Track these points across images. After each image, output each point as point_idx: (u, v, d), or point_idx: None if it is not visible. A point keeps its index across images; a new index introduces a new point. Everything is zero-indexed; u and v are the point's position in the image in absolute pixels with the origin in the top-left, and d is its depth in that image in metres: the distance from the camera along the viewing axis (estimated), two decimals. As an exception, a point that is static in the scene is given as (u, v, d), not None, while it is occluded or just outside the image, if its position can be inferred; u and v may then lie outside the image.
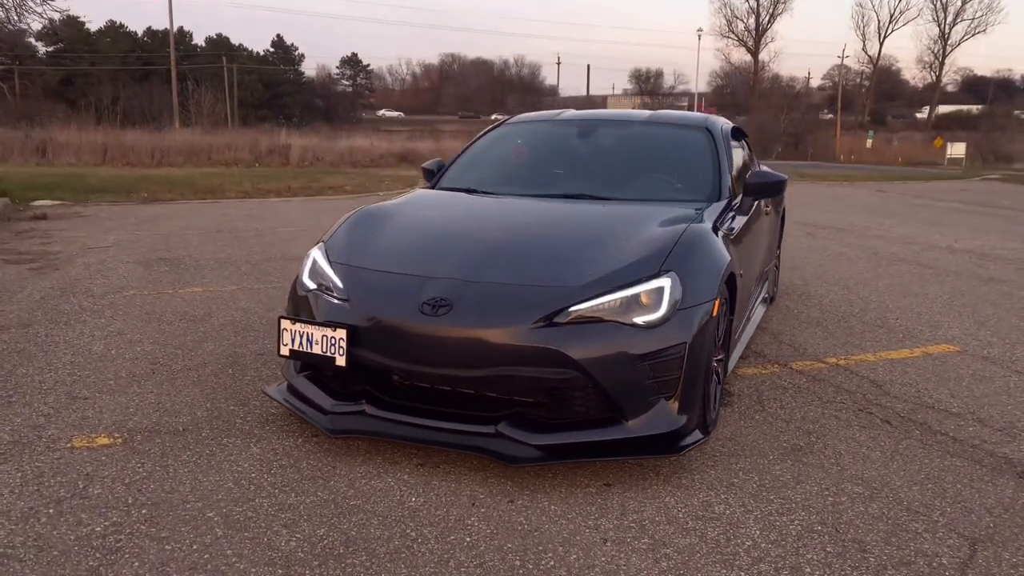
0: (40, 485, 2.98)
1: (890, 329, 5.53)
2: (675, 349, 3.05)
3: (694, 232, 3.46)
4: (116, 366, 4.37)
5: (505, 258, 3.34)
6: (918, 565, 2.57)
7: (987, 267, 8.17)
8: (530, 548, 2.62)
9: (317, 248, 3.71)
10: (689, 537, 2.71)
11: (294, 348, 3.29)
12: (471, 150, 4.95)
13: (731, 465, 3.28)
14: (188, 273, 6.99)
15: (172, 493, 2.94)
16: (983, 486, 3.14)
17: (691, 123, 4.81)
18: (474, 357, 3.03)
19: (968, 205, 15.01)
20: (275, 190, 14.80)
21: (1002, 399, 4.14)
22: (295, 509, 2.85)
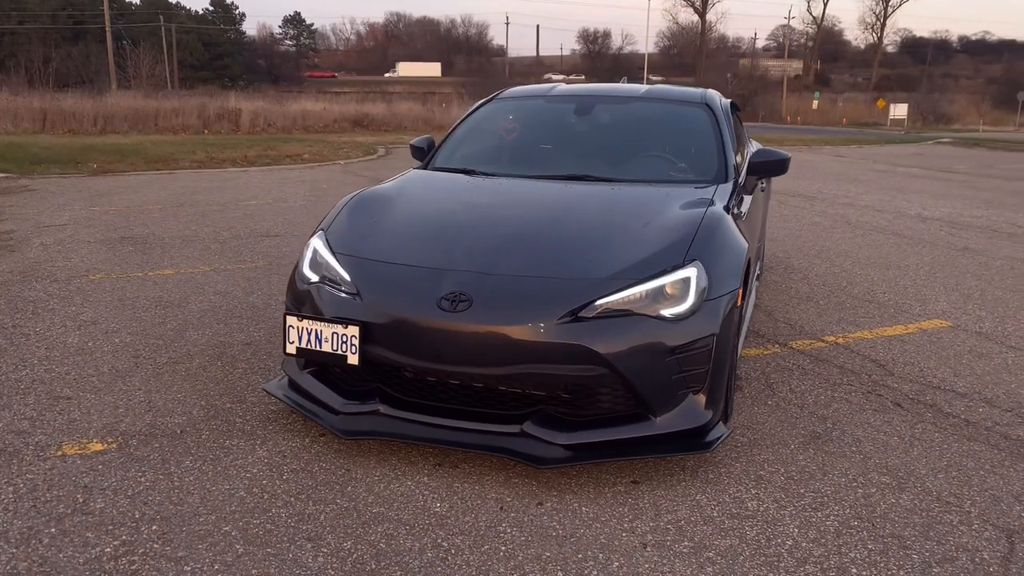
0: (36, 500, 2.78)
1: (880, 304, 5.54)
2: (704, 341, 2.96)
3: (713, 218, 3.36)
4: (96, 360, 4.13)
5: (522, 248, 3.19)
6: (962, 561, 2.54)
7: (960, 236, 8.27)
8: (569, 556, 2.52)
9: (317, 237, 3.51)
10: (729, 538, 2.64)
11: (301, 346, 3.12)
12: (462, 128, 4.75)
13: (754, 456, 3.22)
14: (155, 253, 6.69)
15: (182, 505, 2.77)
16: (1006, 472, 3.14)
17: (690, 99, 4.68)
18: (497, 355, 2.89)
19: (927, 171, 15.25)
20: (231, 159, 14.31)
21: (1004, 378, 4.16)
22: (316, 520, 2.70)
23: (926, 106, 44.31)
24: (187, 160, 13.91)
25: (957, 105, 46.45)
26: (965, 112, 45.38)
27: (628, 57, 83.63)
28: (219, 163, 13.83)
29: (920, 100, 45.41)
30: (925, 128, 38.14)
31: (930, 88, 54.86)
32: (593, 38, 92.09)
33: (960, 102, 47.81)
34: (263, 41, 78.91)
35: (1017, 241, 8.02)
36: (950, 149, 22.60)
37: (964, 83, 70.69)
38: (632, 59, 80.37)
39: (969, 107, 46.73)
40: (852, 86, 74.15)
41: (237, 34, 70.20)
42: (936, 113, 43.92)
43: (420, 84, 64.65)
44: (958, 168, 16.42)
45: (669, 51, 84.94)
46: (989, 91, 55.69)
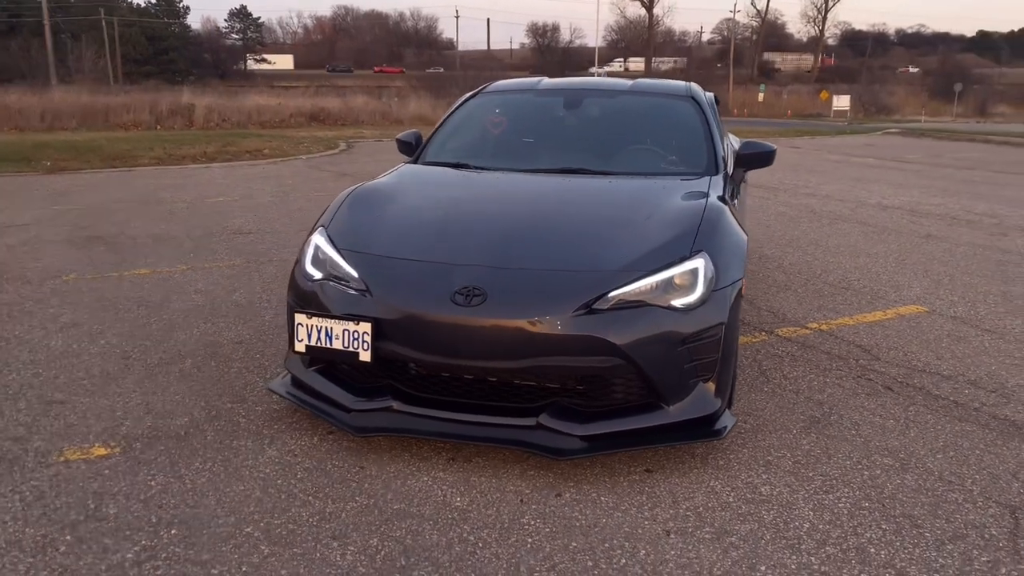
0: (45, 508, 2.71)
1: (856, 291, 5.68)
2: (713, 331, 3.01)
3: (714, 210, 3.42)
4: (84, 363, 4.04)
5: (531, 242, 3.21)
6: (972, 538, 2.63)
7: (921, 224, 8.50)
8: (596, 546, 2.55)
9: (317, 233, 3.47)
10: (748, 523, 2.69)
11: (311, 344, 3.09)
12: (451, 122, 4.74)
13: (760, 442, 3.29)
14: (128, 253, 6.54)
15: (198, 508, 2.73)
16: (999, 451, 3.25)
17: (676, 92, 4.74)
18: (514, 348, 2.90)
19: (881, 160, 15.62)
20: (190, 156, 14.02)
21: (984, 360, 4.30)
22: (338, 518, 2.69)
23: (867, 97, 45.36)
24: (145, 157, 13.60)
25: (896, 96, 47.66)
26: (904, 103, 46.57)
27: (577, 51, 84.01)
28: (178, 160, 13.55)
29: (861, 92, 46.46)
30: (867, 119, 39.04)
31: (870, 80, 56.19)
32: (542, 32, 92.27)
33: (899, 93, 49.05)
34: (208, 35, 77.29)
35: (976, 228, 8.27)
36: (899, 139, 23.18)
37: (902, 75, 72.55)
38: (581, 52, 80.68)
39: (907, 98, 47.98)
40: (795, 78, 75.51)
41: (181, 28, 68.62)
42: (877, 104, 44.99)
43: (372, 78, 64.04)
44: (909, 158, 16.85)
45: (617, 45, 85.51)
46: (926, 83, 57.24)
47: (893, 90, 50.46)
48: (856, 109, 42.38)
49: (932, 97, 48.77)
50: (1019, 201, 10.31)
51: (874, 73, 66.20)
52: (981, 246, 7.32)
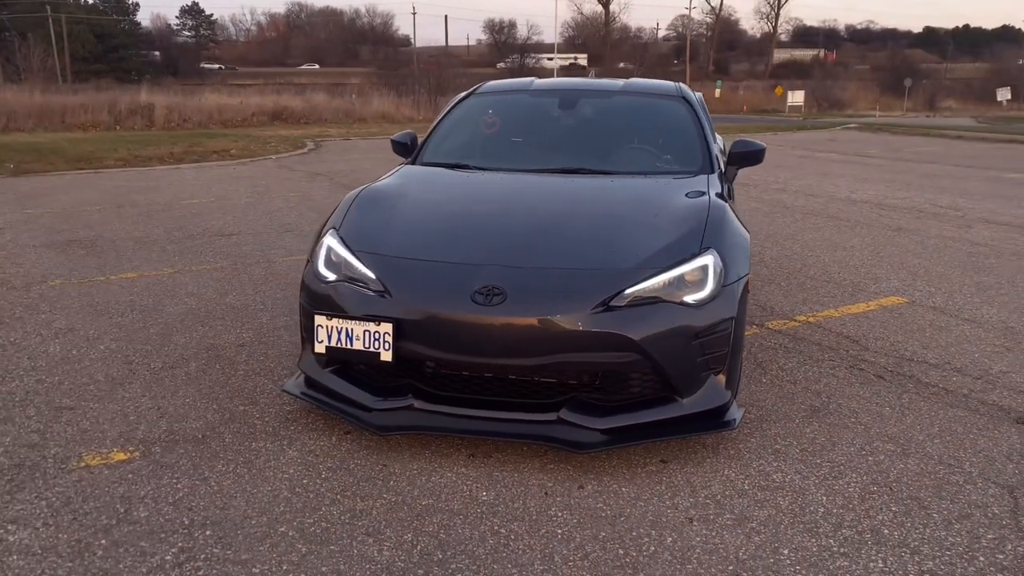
0: (75, 513, 2.72)
1: (838, 283, 5.85)
2: (724, 325, 3.11)
3: (718, 208, 3.53)
4: (87, 369, 4.02)
5: (547, 241, 3.28)
6: (976, 517, 2.77)
7: (891, 217, 8.76)
8: (624, 535, 2.64)
9: (329, 236, 3.50)
10: (766, 509, 2.80)
11: (331, 345, 3.13)
12: (446, 123, 4.79)
13: (766, 431, 3.41)
14: (110, 256, 6.47)
15: (228, 509, 2.76)
16: (992, 434, 3.41)
17: (667, 92, 4.85)
18: (535, 346, 2.98)
19: (844, 155, 15.98)
20: (156, 156, 13.83)
21: (967, 348, 4.49)
22: (369, 515, 2.74)
23: (820, 93, 46.22)
24: (110, 159, 13.38)
25: (848, 92, 48.67)
26: (856, 98, 47.58)
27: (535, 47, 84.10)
28: (145, 161, 13.36)
29: (815, 87, 47.32)
30: (821, 114, 39.79)
31: (824, 75, 57.29)
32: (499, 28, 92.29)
33: (851, 89, 50.11)
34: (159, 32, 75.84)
35: (943, 220, 8.55)
36: (858, 134, 23.71)
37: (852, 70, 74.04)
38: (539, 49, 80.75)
39: (859, 93, 49.03)
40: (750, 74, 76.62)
41: (131, 25, 67.25)
42: (830, 99, 45.87)
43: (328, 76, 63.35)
44: (870, 152, 17.27)
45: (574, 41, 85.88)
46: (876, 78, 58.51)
47: (845, 85, 51.52)
48: (810, 104, 43.16)
49: (882, 92, 49.90)
50: (979, 194, 10.66)
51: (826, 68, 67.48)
52: (950, 238, 7.57)
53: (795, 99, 42.61)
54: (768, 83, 56.44)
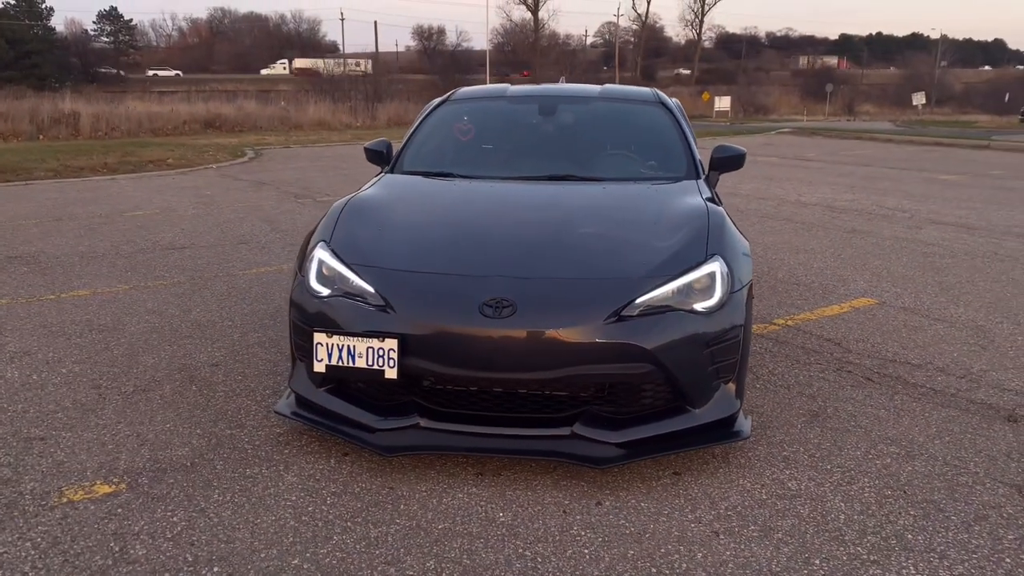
0: (65, 554, 2.52)
1: (807, 286, 5.92)
2: (733, 332, 3.08)
3: (717, 214, 3.50)
4: (52, 395, 3.77)
5: (552, 251, 3.20)
6: (993, 518, 2.79)
7: (843, 219, 8.95)
8: (653, 552, 2.57)
9: (320, 249, 3.34)
10: (788, 518, 2.77)
11: (332, 363, 2.99)
12: (423, 130, 4.66)
13: (771, 438, 3.39)
14: (57, 273, 6.13)
15: (233, 543, 2.59)
16: (989, 433, 3.46)
17: (645, 98, 4.82)
18: (547, 359, 2.89)
19: (783, 159, 16.33)
20: (90, 167, 13.25)
21: (944, 347, 4.57)
22: (385, 543, 2.61)
23: (746, 98, 47.34)
24: (40, 169, 12.77)
25: (772, 97, 50.05)
26: (779, 103, 48.94)
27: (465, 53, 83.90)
28: (77, 172, 12.79)
29: (740, 92, 48.47)
30: (747, 119, 40.74)
31: (747, 81, 58.84)
32: (428, 34, 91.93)
33: (774, 94, 51.55)
34: (75, 38, 73.05)
35: (893, 222, 8.77)
36: (793, 138, 24.31)
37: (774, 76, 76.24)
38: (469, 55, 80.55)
39: (781, 98, 50.47)
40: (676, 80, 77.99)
41: (45, 31, 64.62)
42: (755, 105, 47.03)
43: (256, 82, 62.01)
44: (809, 155, 17.70)
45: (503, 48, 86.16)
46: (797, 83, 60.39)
47: (769, 91, 52.96)
48: (736, 110, 44.14)
49: (804, 97, 51.46)
50: (921, 196, 11.00)
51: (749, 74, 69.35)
52: (903, 239, 7.76)
53: (722, 105, 43.47)
54: (694, 89, 57.49)
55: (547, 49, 78.21)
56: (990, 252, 7.18)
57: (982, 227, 8.49)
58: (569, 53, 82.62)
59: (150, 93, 39.08)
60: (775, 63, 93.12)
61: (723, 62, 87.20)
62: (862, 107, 50.90)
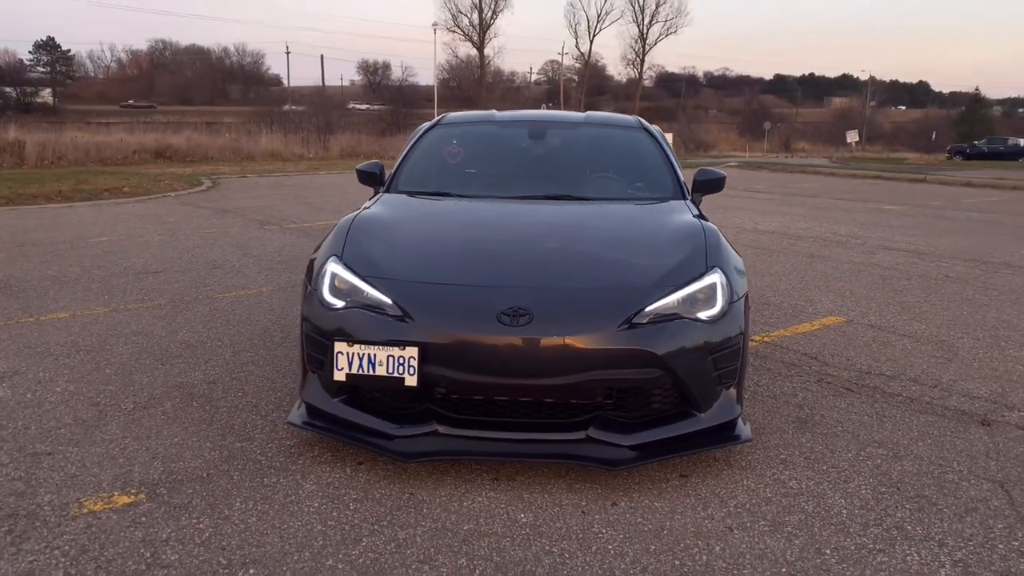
0: (97, 562, 2.53)
1: (777, 306, 6.16)
2: (734, 340, 3.24)
3: (711, 229, 3.68)
4: (51, 412, 3.74)
5: (561, 263, 3.33)
6: (982, 510, 2.98)
7: (800, 245, 9.30)
8: (673, 546, 2.69)
9: (332, 262, 3.42)
10: (795, 514, 2.92)
11: (352, 372, 3.06)
12: (415, 153, 4.77)
13: (766, 442, 3.55)
14: (31, 297, 6.05)
15: (264, 547, 2.63)
16: (966, 435, 3.68)
17: (629, 124, 5.03)
18: (562, 365, 3.01)
19: (736, 191, 16.76)
20: (43, 195, 13.00)
21: (914, 360, 4.82)
22: (415, 543, 2.67)
23: (687, 135, 48.67)
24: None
25: (712, 134, 51.57)
26: (718, 139, 50.48)
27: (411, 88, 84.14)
28: (31, 199, 12.54)
29: (680, 129, 49.82)
30: (689, 155, 41.84)
31: (687, 119, 60.59)
32: (374, 69, 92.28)
33: (713, 131, 53.16)
34: (9, 68, 71.42)
35: (848, 248, 9.15)
36: (740, 171, 25.00)
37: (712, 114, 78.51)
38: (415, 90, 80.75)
39: (720, 135, 52.08)
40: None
41: (-23, 61, 63.17)
42: (696, 141, 48.38)
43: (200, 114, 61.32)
44: (759, 188, 18.28)
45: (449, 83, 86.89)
46: (735, 121, 62.40)
47: (708, 128, 54.60)
48: (678, 146, 45.32)
49: (741, 134, 53.19)
50: (871, 224, 11.47)
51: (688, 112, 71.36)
52: (860, 263, 8.11)
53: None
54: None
55: (492, 85, 79.16)
56: (942, 275, 7.56)
57: (931, 252, 8.91)
58: (514, 89, 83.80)
59: (89, 124, 38.40)
60: (713, 101, 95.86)
61: (663, 100, 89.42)
62: (798, 144, 52.75)
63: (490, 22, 73.23)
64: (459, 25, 72.39)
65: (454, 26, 72.08)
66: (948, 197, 16.81)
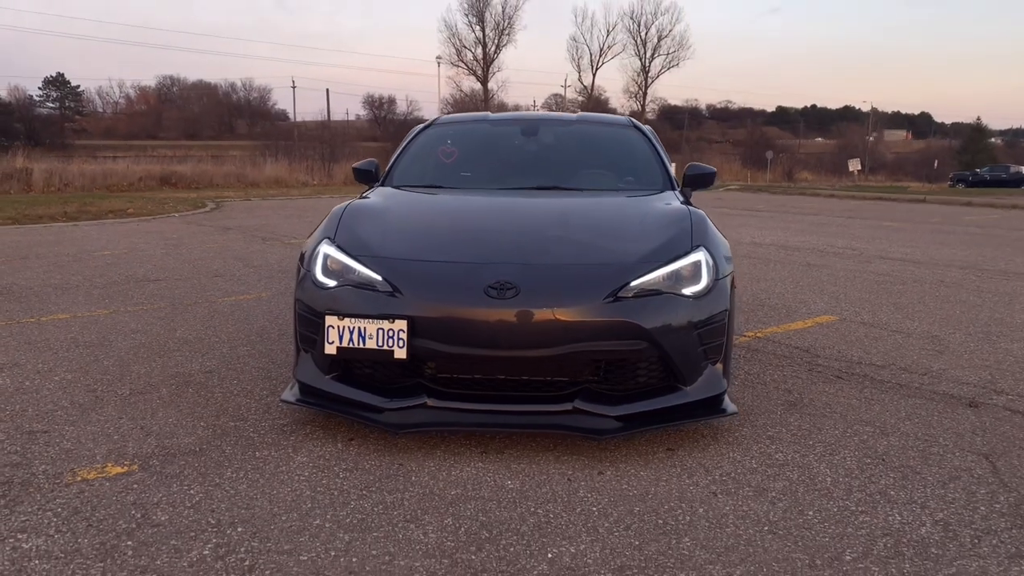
0: (88, 521, 2.57)
1: (772, 307, 6.21)
2: (719, 316, 3.29)
3: (697, 213, 3.75)
4: (48, 397, 3.79)
5: (548, 242, 3.40)
6: (965, 478, 3.01)
7: (797, 256, 9.37)
8: (657, 508, 2.72)
9: (325, 244, 3.49)
10: (779, 481, 2.95)
11: (342, 345, 3.11)
12: (410, 150, 4.87)
13: (754, 422, 3.58)
14: (33, 301, 6.12)
15: (253, 510, 2.67)
16: (953, 415, 3.71)
17: (620, 123, 5.13)
18: (550, 336, 3.06)
19: (736, 210, 16.95)
20: (48, 215, 13.17)
21: (906, 352, 4.86)
22: (403, 506, 2.71)
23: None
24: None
25: (714, 164, 51.94)
26: (721, 170, 50.78)
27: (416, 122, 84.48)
28: (36, 219, 12.70)
29: (684, 160, 50.13)
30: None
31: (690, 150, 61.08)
32: (379, 104, 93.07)
33: (716, 161, 53.52)
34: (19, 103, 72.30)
35: (844, 258, 9.21)
36: (741, 194, 25.21)
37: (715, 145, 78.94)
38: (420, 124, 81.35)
39: (723, 165, 52.45)
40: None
41: (-14, 96, 64.01)
42: (699, 172, 48.61)
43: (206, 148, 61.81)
44: (759, 207, 18.40)
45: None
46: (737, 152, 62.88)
47: (711, 158, 55.00)
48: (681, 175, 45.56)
49: (744, 165, 53.56)
50: (868, 238, 11.54)
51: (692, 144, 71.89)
52: (856, 271, 8.17)
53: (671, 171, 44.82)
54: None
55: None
56: (936, 280, 7.61)
57: (927, 261, 8.97)
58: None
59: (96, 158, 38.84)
60: (716, 133, 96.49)
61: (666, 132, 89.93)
62: (800, 174, 52.99)
63: (494, 56, 74.02)
64: (463, 60, 73.16)
65: (458, 60, 72.84)
66: (948, 215, 16.90)
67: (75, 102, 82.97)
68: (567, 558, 2.39)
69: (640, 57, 75.21)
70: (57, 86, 79.97)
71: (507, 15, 69.25)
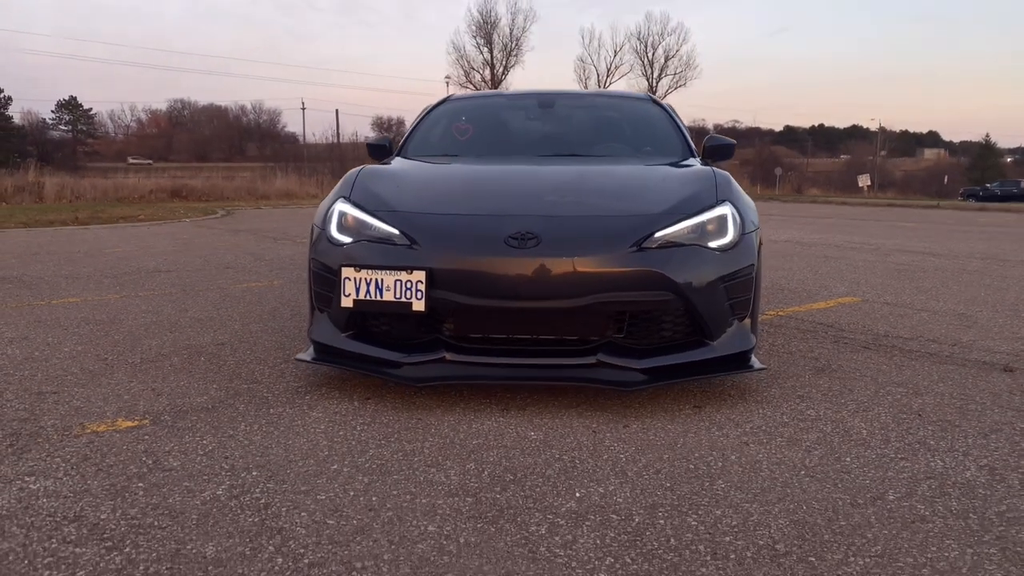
0: (98, 466, 2.48)
1: (792, 291, 6.10)
2: (746, 271, 3.19)
3: (721, 172, 3.66)
4: (58, 365, 3.72)
5: (570, 195, 3.31)
6: (1007, 430, 2.88)
7: (814, 250, 9.25)
8: (688, 455, 2.61)
9: (340, 202, 3.41)
10: (813, 433, 2.84)
11: (359, 298, 3.02)
12: (424, 124, 4.81)
13: (783, 384, 3.47)
14: (44, 288, 6.07)
15: (267, 457, 2.58)
16: (988, 379, 3.58)
17: (639, 97, 5.05)
18: (572, 286, 2.96)
19: (747, 214, 16.95)
20: (60, 220, 13.19)
21: (932, 327, 4.74)
22: (423, 453, 2.61)
23: (701, 183, 48.99)
24: (9, 223, 12.66)
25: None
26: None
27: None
28: (48, 224, 12.71)
29: None
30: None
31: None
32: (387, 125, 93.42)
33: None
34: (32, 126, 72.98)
35: (862, 251, 9.09)
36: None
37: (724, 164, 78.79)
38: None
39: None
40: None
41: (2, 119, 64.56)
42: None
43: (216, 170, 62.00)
44: (772, 212, 18.30)
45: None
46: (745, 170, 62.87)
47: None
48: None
49: (753, 182, 53.55)
50: (884, 235, 11.42)
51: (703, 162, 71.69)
52: (875, 261, 8.05)
53: None
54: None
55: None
56: (958, 268, 7.48)
57: (946, 254, 8.84)
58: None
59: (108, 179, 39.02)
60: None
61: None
62: (809, 190, 52.89)
63: (502, 77, 74.13)
64: (471, 81, 73.34)
65: (466, 82, 73.00)
66: (962, 218, 16.75)
67: (87, 125, 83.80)
68: (596, 497, 2.28)
69: (647, 77, 75.20)
70: (70, 109, 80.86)
71: (515, 37, 69.25)
